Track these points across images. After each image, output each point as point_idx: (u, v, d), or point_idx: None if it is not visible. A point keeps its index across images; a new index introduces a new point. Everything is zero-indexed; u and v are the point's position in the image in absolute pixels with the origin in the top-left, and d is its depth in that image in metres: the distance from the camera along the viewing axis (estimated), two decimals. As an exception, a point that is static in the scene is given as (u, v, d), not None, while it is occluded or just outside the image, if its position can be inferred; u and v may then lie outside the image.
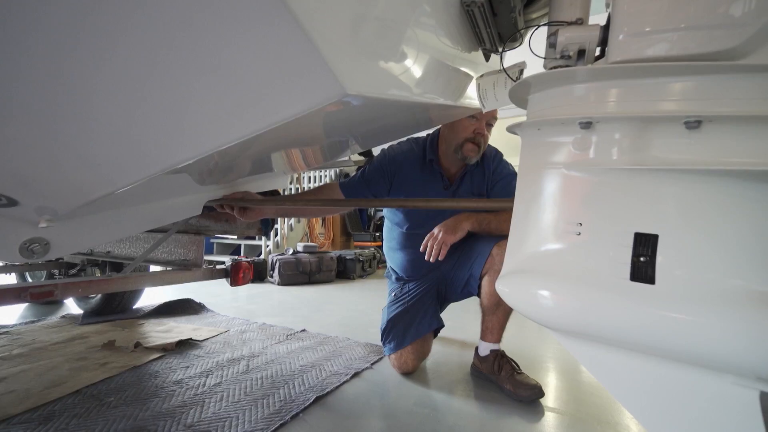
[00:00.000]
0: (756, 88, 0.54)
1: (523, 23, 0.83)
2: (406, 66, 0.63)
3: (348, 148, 1.47)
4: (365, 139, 1.29)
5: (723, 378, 0.57)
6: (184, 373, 1.49)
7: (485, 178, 1.60)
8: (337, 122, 0.88)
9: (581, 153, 0.66)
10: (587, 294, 0.64)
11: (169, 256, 1.82)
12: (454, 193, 1.60)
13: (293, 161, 1.37)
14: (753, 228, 0.57)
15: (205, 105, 0.56)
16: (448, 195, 1.60)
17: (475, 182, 1.60)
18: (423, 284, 1.65)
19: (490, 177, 1.60)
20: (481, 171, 1.61)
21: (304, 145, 1.15)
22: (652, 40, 0.58)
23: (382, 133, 1.23)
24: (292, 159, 1.34)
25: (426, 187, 1.59)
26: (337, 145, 1.31)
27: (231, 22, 0.44)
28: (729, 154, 0.56)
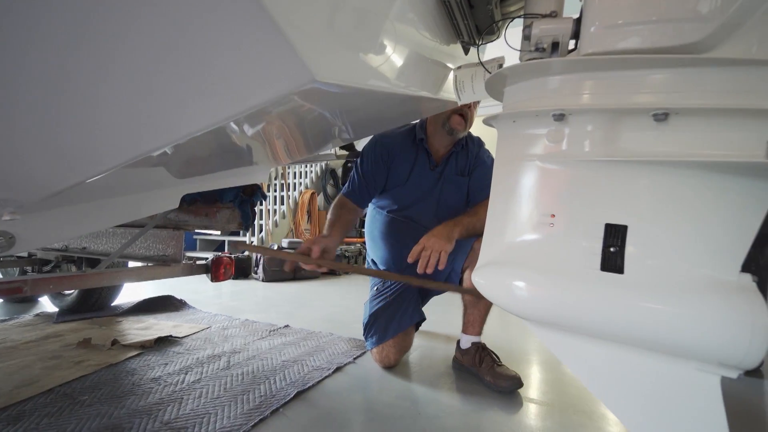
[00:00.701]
0: (720, 81, 0.55)
1: (500, 15, 0.83)
2: (380, 56, 0.62)
3: (330, 140, 1.46)
4: (347, 131, 1.28)
5: (687, 364, 0.58)
6: (162, 370, 1.46)
7: (468, 160, 1.62)
8: (316, 112, 0.87)
9: (555, 145, 0.67)
10: (560, 284, 0.65)
11: (148, 252, 1.77)
12: (441, 174, 1.60)
13: (274, 153, 1.35)
14: (718, 218, 0.59)
15: (172, 91, 0.54)
16: (434, 175, 1.60)
17: (460, 163, 1.61)
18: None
19: (473, 159, 1.62)
20: (465, 153, 1.62)
21: (283, 136, 1.13)
22: (621, 33, 0.59)
23: (362, 125, 1.22)
24: (273, 151, 1.32)
25: (415, 167, 1.59)
26: (318, 137, 1.30)
27: (198, 7, 0.43)
28: (695, 146, 0.58)
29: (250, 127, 0.88)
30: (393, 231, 1.64)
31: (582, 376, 0.66)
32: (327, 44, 0.51)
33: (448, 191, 1.60)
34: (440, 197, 1.60)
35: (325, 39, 0.50)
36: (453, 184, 1.60)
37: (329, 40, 0.52)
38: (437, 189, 1.59)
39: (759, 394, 1.39)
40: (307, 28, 0.47)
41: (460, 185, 1.61)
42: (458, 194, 1.61)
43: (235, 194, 1.55)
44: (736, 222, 0.58)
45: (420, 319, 1.64)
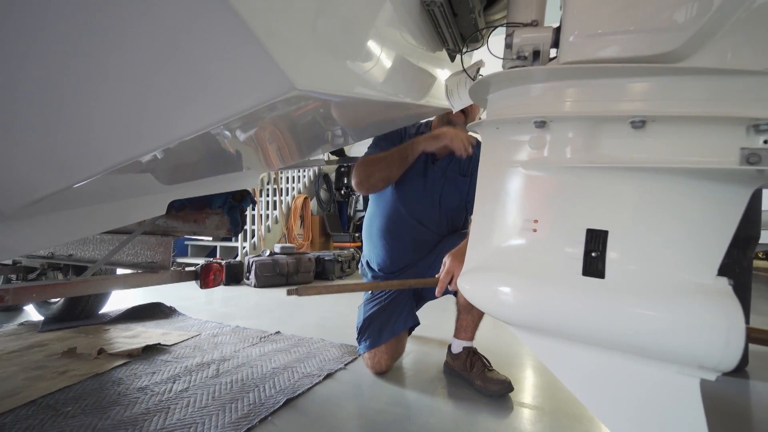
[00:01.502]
0: (694, 89, 0.56)
1: (484, 23, 0.84)
2: (363, 63, 0.63)
3: (320, 146, 1.46)
4: (336, 136, 1.28)
5: (668, 368, 0.59)
6: (149, 379, 1.44)
7: (471, 161, 1.58)
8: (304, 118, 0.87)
9: (537, 151, 0.67)
10: (543, 289, 0.66)
11: (135, 259, 1.75)
12: (444, 173, 1.60)
13: (263, 159, 1.35)
14: (694, 223, 0.60)
15: (154, 99, 0.54)
16: (437, 174, 1.60)
17: (463, 163, 1.60)
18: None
19: (475, 160, 1.62)
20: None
21: (272, 141, 1.13)
22: (599, 42, 0.60)
23: (352, 131, 1.22)
24: (262, 156, 1.32)
25: (417, 163, 1.57)
26: (308, 143, 1.30)
27: (178, 18, 0.43)
28: (672, 152, 0.59)
29: (238, 133, 0.88)
30: (392, 229, 1.63)
31: (566, 379, 0.66)
32: (308, 52, 0.51)
33: (449, 191, 1.60)
34: (441, 196, 1.60)
35: (305, 47, 0.51)
36: (454, 184, 1.60)
37: (310, 48, 0.52)
38: (438, 188, 1.60)
39: (745, 394, 1.41)
40: (287, 37, 0.47)
41: (460, 185, 1.61)
42: (459, 194, 1.61)
43: (224, 200, 1.54)
44: (712, 227, 0.59)
45: (414, 323, 1.63)
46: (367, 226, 1.75)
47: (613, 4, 0.60)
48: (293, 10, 0.49)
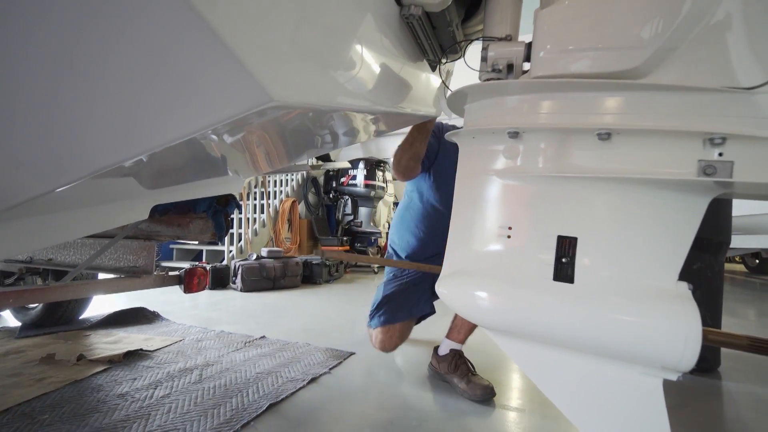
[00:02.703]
0: (655, 104, 0.60)
1: (462, 36, 0.87)
2: (343, 74, 0.64)
3: (305, 151, 1.47)
4: (321, 142, 1.29)
5: (633, 369, 0.62)
6: (130, 385, 1.42)
7: None
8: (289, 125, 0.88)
9: (511, 161, 0.70)
10: (516, 294, 0.68)
11: (118, 263, 1.73)
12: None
13: (247, 164, 1.35)
14: (657, 231, 0.63)
15: (131, 109, 0.55)
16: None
17: None
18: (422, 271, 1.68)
19: None
20: None
21: (257, 146, 1.14)
22: (567, 58, 0.63)
23: (337, 138, 1.24)
24: (246, 161, 1.32)
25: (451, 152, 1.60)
26: (292, 148, 1.31)
27: (152, 30, 0.44)
28: (635, 163, 0.62)
29: (222, 138, 0.88)
30: (425, 221, 1.67)
31: (537, 380, 0.68)
32: (286, 64, 0.52)
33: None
34: None
35: (284, 59, 0.52)
36: None
37: (289, 59, 0.53)
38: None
39: (717, 393, 1.46)
40: (265, 49, 0.48)
41: None
42: None
43: (208, 204, 1.53)
44: (673, 234, 0.62)
45: (431, 311, 1.69)
46: (402, 215, 1.80)
47: (580, 23, 0.63)
48: (272, 22, 0.50)
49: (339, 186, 5.61)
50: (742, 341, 0.61)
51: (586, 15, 0.62)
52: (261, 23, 0.47)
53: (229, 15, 0.42)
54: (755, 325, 2.60)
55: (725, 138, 0.57)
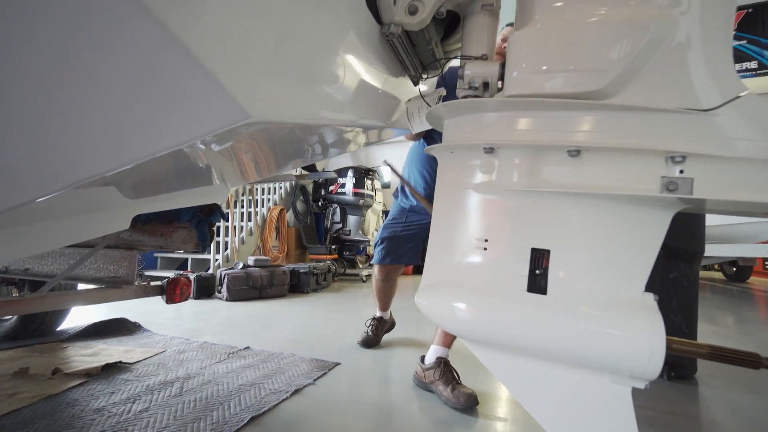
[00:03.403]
0: (620, 123, 0.63)
1: (442, 54, 0.90)
2: (323, 90, 0.66)
3: (291, 161, 1.47)
4: (306, 153, 1.30)
5: (603, 377, 0.64)
6: (107, 399, 1.38)
7: None
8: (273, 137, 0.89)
9: (486, 175, 0.72)
10: (492, 305, 0.70)
11: (98, 273, 1.69)
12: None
13: (232, 174, 1.35)
14: (624, 244, 0.66)
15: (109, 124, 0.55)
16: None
17: None
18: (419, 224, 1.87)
19: None
20: None
21: (242, 157, 1.14)
22: (538, 78, 0.66)
23: (321, 149, 1.25)
24: (231, 171, 1.32)
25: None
26: (278, 159, 1.31)
27: (127, 48, 0.45)
28: (603, 179, 0.65)
29: (207, 149, 0.89)
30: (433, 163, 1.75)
31: (512, 389, 0.70)
32: (265, 80, 0.53)
33: None
34: None
35: (263, 76, 0.53)
36: None
37: (268, 76, 0.55)
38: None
39: (693, 399, 1.50)
40: (242, 66, 0.50)
41: None
42: None
43: (192, 214, 1.52)
44: (639, 247, 0.64)
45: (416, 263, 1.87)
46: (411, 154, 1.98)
47: (550, 45, 0.66)
48: (251, 40, 0.51)
49: (328, 194, 5.62)
50: (704, 350, 0.64)
51: (556, 38, 0.66)
52: (239, 41, 0.49)
53: (206, 34, 0.44)
54: (734, 332, 2.67)
55: (685, 156, 0.60)
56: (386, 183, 6.58)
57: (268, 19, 0.53)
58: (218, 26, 0.46)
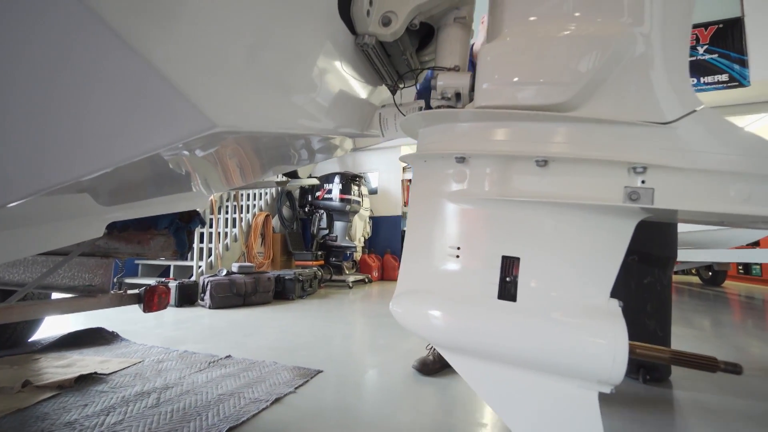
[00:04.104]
0: (584, 135, 0.65)
1: (417, 64, 0.92)
2: (296, 99, 0.66)
3: (271, 169, 1.47)
4: (285, 160, 1.30)
5: (570, 383, 0.65)
6: (80, 412, 1.34)
7: None
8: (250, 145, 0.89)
9: (459, 184, 0.73)
10: (464, 312, 0.71)
11: (72, 282, 1.65)
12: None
13: (211, 181, 1.34)
14: (590, 252, 0.67)
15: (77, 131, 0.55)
16: None
17: None
18: None
19: None
20: None
21: (221, 164, 1.13)
22: (506, 90, 0.68)
23: (301, 156, 1.25)
24: (210, 178, 1.31)
25: None
26: (258, 166, 1.31)
27: (99, 63, 0.45)
28: (569, 189, 0.67)
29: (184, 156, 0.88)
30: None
31: (484, 395, 0.70)
32: (234, 90, 0.54)
33: None
34: None
35: (231, 85, 0.53)
36: None
37: (237, 86, 0.55)
38: None
39: (668, 401, 1.53)
40: (209, 77, 0.50)
41: None
42: None
43: (170, 221, 1.50)
44: (604, 254, 0.66)
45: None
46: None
47: (518, 58, 0.68)
48: (219, 49, 0.52)
49: (314, 200, 5.59)
50: (666, 354, 0.66)
51: (524, 51, 0.68)
52: (207, 52, 0.49)
53: (170, 44, 0.44)
54: (710, 335, 2.75)
55: (646, 167, 0.63)
56: (373, 189, 6.59)
57: (237, 30, 0.54)
58: (184, 37, 0.47)
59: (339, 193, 5.38)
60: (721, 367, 0.62)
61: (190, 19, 0.47)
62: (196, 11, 0.49)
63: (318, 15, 0.67)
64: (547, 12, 0.68)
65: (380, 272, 5.96)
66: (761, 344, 2.48)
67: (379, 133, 0.95)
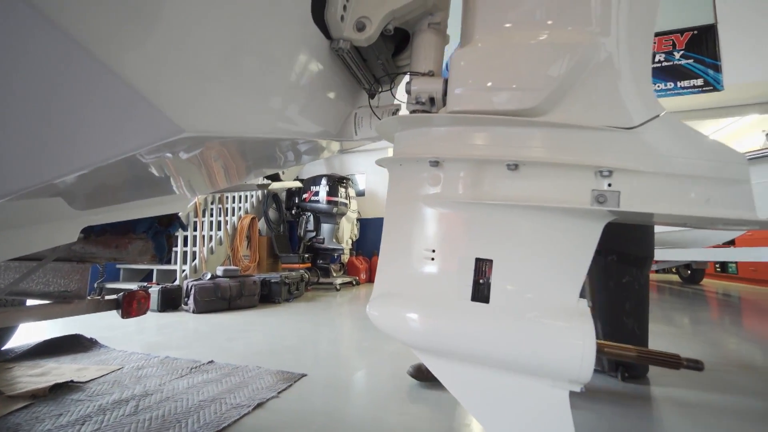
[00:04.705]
0: (553, 140, 0.66)
1: (394, 68, 0.92)
2: (269, 103, 0.66)
3: (252, 171, 1.46)
4: (267, 163, 1.30)
5: (542, 382, 0.66)
6: (53, 422, 1.30)
7: None
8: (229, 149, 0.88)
9: (433, 188, 0.74)
10: (438, 315, 0.71)
11: (46, 288, 1.61)
12: None
13: (191, 184, 1.32)
14: (560, 253, 0.69)
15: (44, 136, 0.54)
16: None
17: None
18: None
19: None
20: None
21: (200, 167, 1.12)
22: (478, 95, 0.69)
23: (281, 160, 1.24)
24: (190, 182, 1.29)
25: None
26: (239, 169, 1.30)
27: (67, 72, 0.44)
28: (540, 192, 0.68)
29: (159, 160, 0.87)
30: None
31: (459, 397, 0.71)
32: (202, 95, 0.53)
33: None
34: None
35: (199, 90, 0.53)
36: None
37: (206, 90, 0.55)
38: None
39: (646, 398, 1.57)
40: (176, 82, 0.49)
41: None
42: None
43: (149, 225, 1.47)
44: (573, 256, 0.68)
45: None
46: None
47: (488, 64, 0.69)
48: (187, 55, 0.51)
49: (301, 202, 5.56)
50: (632, 353, 0.67)
51: (494, 57, 0.69)
52: (174, 57, 0.49)
53: (134, 50, 0.43)
54: (688, 333, 2.82)
55: (612, 171, 0.65)
56: (361, 191, 6.59)
57: (207, 34, 0.54)
58: (151, 41, 0.46)
59: (326, 195, 5.36)
60: (683, 364, 0.64)
61: (158, 23, 0.47)
62: (165, 15, 0.48)
63: (290, 19, 0.67)
64: (516, 19, 0.70)
65: (368, 274, 5.96)
66: (737, 340, 2.57)
67: (352, 132, 0.95)
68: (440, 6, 0.80)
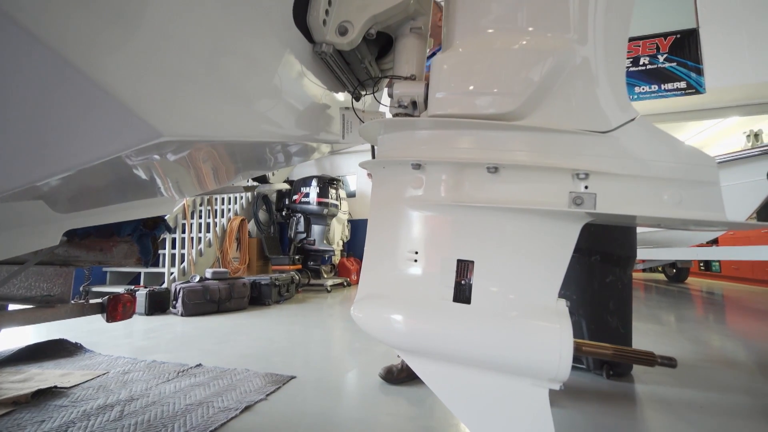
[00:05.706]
0: (531, 143, 0.68)
1: (378, 72, 0.93)
2: (250, 107, 0.66)
3: (240, 173, 1.45)
4: (253, 165, 1.29)
5: (523, 381, 0.68)
6: (36, 429, 1.28)
7: None
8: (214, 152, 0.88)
9: (416, 190, 0.75)
10: (421, 315, 0.72)
11: (28, 292, 1.58)
12: None
13: (176, 186, 1.31)
14: (539, 254, 0.70)
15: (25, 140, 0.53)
16: None
17: None
18: None
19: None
20: None
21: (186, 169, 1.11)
22: (458, 99, 0.70)
23: (273, 160, 1.24)
24: (175, 184, 1.28)
25: None
26: (225, 171, 1.29)
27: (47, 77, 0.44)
28: (519, 194, 0.70)
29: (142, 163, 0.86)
30: None
31: (442, 396, 0.72)
32: (181, 99, 0.53)
33: None
34: None
35: (178, 94, 0.53)
36: None
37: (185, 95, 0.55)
38: None
39: (630, 395, 1.60)
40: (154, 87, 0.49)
41: None
42: None
43: (134, 227, 1.46)
44: (552, 257, 0.70)
45: None
46: None
47: (468, 69, 0.70)
48: (165, 60, 0.51)
49: (291, 203, 5.54)
50: (609, 351, 0.69)
51: (474, 62, 0.70)
52: (152, 61, 0.49)
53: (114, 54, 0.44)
54: (673, 330, 2.88)
55: (588, 173, 0.66)
56: (351, 192, 6.59)
57: (186, 38, 0.54)
58: (129, 45, 0.46)
59: (316, 196, 5.35)
60: (658, 361, 0.66)
61: (135, 28, 0.47)
62: (143, 20, 0.48)
63: (271, 23, 0.68)
64: (496, 25, 0.71)
65: (359, 275, 5.95)
66: (720, 338, 2.63)
67: (339, 134, 0.96)
68: (422, 11, 0.81)
